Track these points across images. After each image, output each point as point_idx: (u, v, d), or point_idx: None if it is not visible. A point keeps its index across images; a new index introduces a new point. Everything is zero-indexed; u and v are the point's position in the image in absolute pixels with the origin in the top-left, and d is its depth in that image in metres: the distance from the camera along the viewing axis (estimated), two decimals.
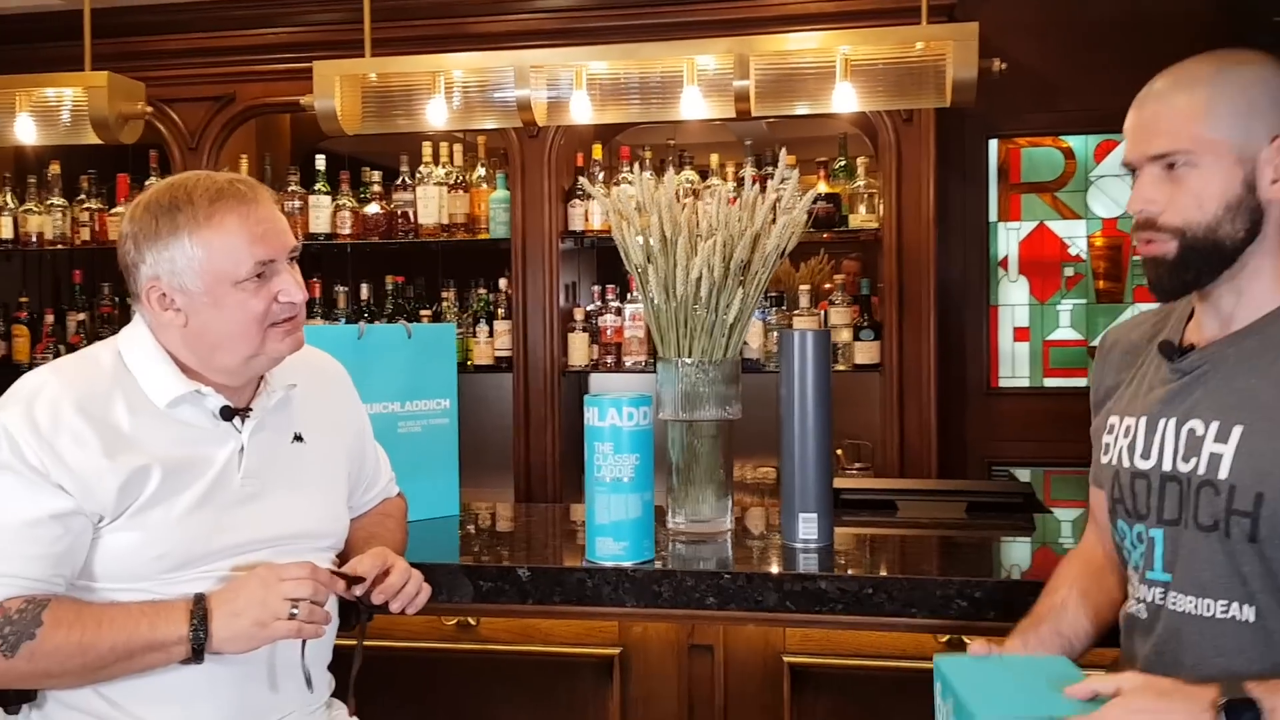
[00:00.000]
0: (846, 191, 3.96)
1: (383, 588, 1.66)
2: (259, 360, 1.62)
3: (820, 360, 2.09)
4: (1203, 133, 1.39)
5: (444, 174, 4.15)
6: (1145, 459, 1.48)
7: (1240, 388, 1.40)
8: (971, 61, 2.73)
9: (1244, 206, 1.39)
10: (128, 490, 1.52)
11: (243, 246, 1.56)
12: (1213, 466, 1.39)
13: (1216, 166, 1.39)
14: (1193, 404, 1.44)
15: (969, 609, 1.85)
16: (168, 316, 1.58)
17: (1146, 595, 1.47)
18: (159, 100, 3.94)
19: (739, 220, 2.15)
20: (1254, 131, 1.39)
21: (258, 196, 1.60)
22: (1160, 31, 4.03)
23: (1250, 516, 1.35)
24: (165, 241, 1.55)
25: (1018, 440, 4.20)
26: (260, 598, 1.50)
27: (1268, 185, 1.39)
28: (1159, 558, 1.45)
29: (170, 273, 1.56)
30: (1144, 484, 1.48)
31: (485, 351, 4.14)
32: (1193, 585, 1.40)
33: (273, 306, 1.59)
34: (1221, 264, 1.42)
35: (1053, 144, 4.29)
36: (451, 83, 3.09)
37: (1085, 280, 4.29)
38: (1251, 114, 1.39)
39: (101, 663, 1.48)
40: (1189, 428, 1.43)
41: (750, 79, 2.89)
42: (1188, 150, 1.40)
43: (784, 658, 1.97)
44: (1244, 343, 1.42)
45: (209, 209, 1.55)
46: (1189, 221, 1.41)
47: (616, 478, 1.97)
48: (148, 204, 1.59)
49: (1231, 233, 1.40)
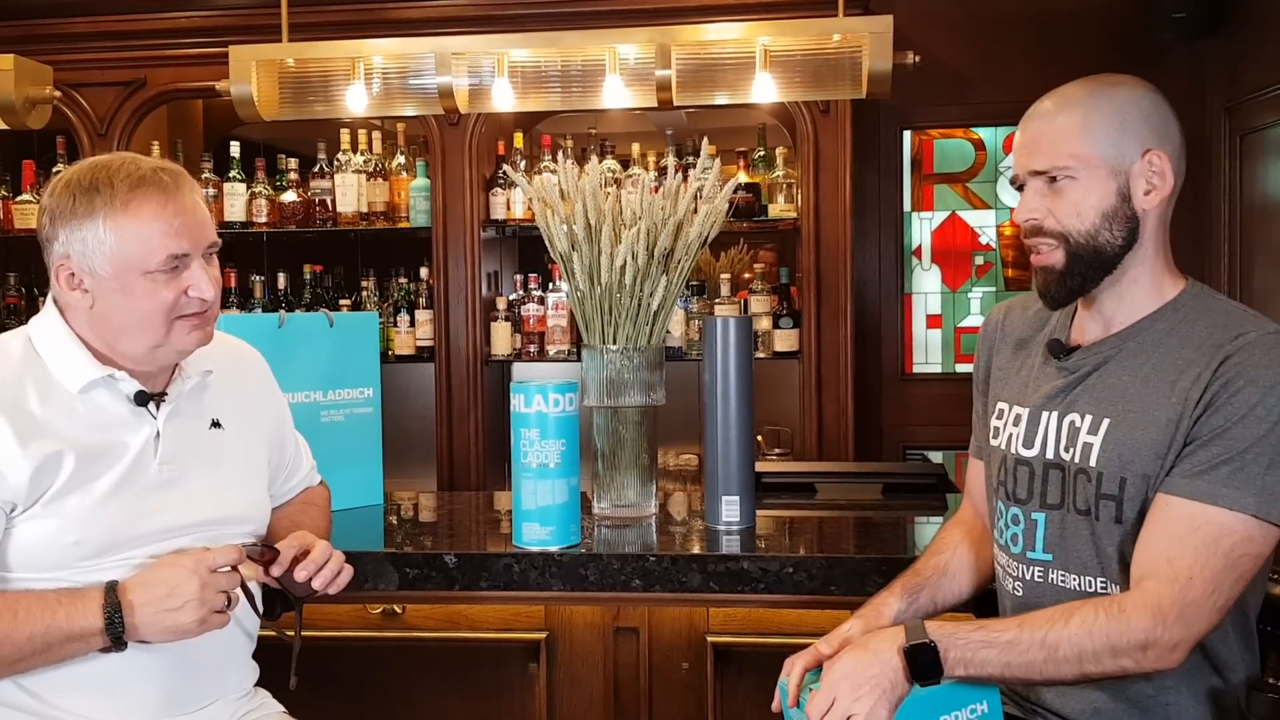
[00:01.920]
0: (766, 181, 4.01)
1: (304, 563, 1.64)
2: (164, 350, 1.60)
3: (742, 347, 2.14)
4: (1079, 149, 1.51)
5: (363, 162, 4.11)
6: (1028, 448, 1.59)
7: (1113, 384, 1.53)
8: (886, 54, 2.79)
9: (1120, 215, 1.51)
10: (40, 477, 1.50)
11: (156, 237, 1.54)
12: (1085, 455, 1.52)
13: (1093, 179, 1.51)
14: (1074, 399, 1.56)
15: (884, 585, 1.91)
16: (74, 296, 1.57)
17: (1025, 574, 1.58)
18: (67, 85, 3.82)
19: (662, 209, 2.17)
20: (1126, 147, 1.50)
21: (180, 187, 1.58)
22: (1069, 26, 4.16)
23: (1115, 500, 1.48)
24: (79, 222, 1.54)
25: (930, 424, 4.30)
26: (196, 593, 1.49)
27: (1141, 196, 1.52)
28: (1040, 539, 1.57)
29: (81, 254, 1.54)
30: (1026, 471, 1.59)
31: (407, 341, 4.11)
32: (1074, 564, 1.53)
33: (181, 299, 1.57)
34: (1103, 270, 1.53)
35: (964, 136, 4.40)
36: (371, 69, 3.07)
37: (995, 268, 4.41)
38: (1123, 131, 1.50)
39: (19, 655, 1.46)
40: (1069, 420, 1.55)
41: (671, 69, 2.92)
42: (1065, 166, 1.51)
43: (708, 638, 2.02)
44: (1125, 345, 1.54)
45: (127, 195, 1.53)
46: (1069, 229, 1.52)
47: (543, 463, 1.99)
48: (69, 181, 1.57)
49: (1110, 240, 1.51)
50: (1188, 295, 1.54)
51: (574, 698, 2.07)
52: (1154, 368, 1.50)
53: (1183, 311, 1.53)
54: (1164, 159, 1.51)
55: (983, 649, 1.42)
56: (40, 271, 1.64)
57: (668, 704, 2.04)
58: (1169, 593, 1.39)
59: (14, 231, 4.20)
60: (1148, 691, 1.47)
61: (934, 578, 1.71)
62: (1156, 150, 1.50)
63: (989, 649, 1.42)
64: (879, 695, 1.42)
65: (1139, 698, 1.48)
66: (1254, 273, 3.79)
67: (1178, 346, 1.49)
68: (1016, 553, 1.60)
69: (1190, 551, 1.40)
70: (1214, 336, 1.47)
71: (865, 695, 1.42)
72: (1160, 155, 1.50)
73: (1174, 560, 1.40)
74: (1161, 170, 1.51)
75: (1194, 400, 1.43)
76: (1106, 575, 1.50)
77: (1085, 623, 1.40)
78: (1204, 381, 1.43)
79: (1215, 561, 1.39)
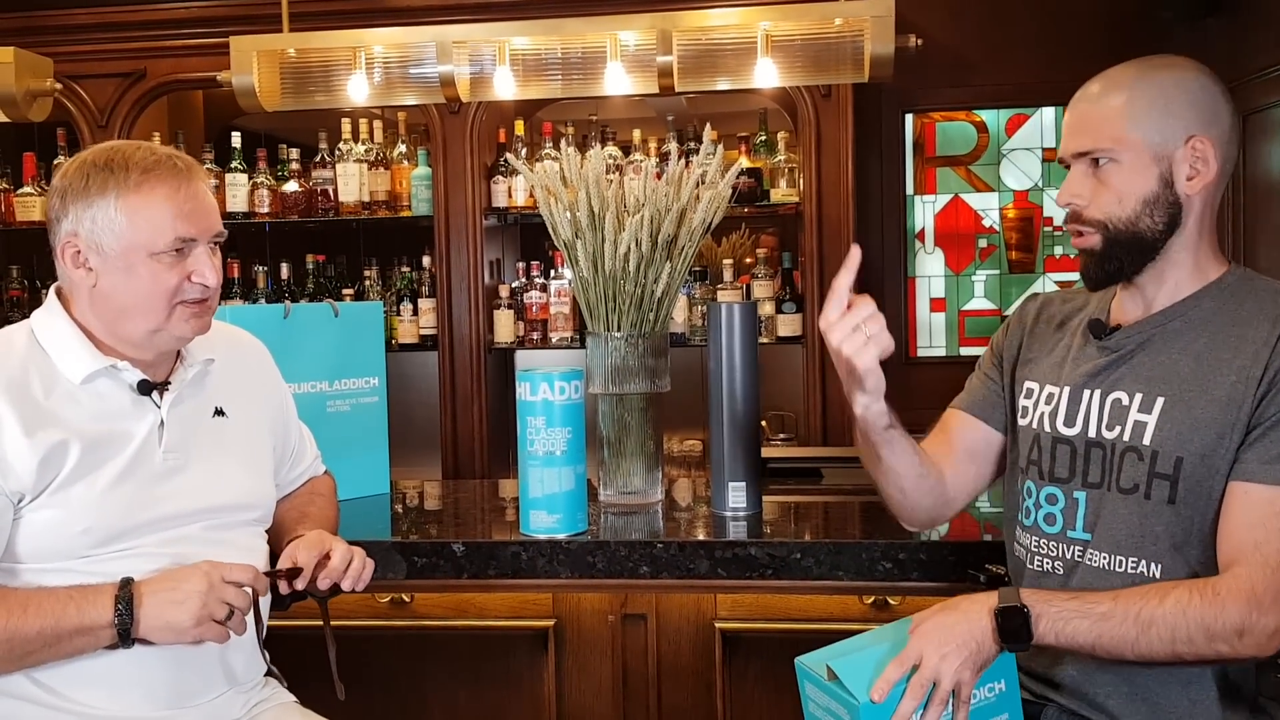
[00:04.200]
0: (767, 166, 4.01)
1: (326, 572, 1.65)
2: (163, 336, 1.61)
3: (747, 333, 2.13)
4: (1122, 133, 1.50)
5: (364, 151, 4.11)
6: (1069, 426, 1.58)
7: (1163, 362, 1.51)
8: (889, 38, 2.78)
9: (1162, 201, 1.51)
10: (47, 467, 1.51)
11: (166, 220, 1.56)
12: (1137, 434, 1.50)
13: (1135, 164, 1.50)
14: (1118, 377, 1.55)
15: (893, 570, 1.92)
16: (78, 275, 1.59)
17: (1066, 553, 1.57)
18: (67, 77, 3.82)
19: (665, 195, 2.17)
20: (1170, 132, 1.50)
21: (192, 174, 1.61)
22: (1070, 7, 4.15)
23: (1170, 480, 1.47)
24: (91, 200, 1.56)
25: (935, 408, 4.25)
26: (202, 591, 1.50)
27: (1184, 181, 1.51)
28: (1080, 518, 1.55)
29: (90, 231, 1.56)
30: (1067, 450, 1.58)
31: (410, 330, 4.11)
32: (1109, 544, 1.52)
33: (185, 285, 1.59)
34: (1143, 256, 1.53)
35: (966, 118, 4.38)
36: (372, 58, 3.06)
37: (998, 251, 4.41)
38: (1167, 115, 1.50)
39: (28, 648, 1.47)
40: (1114, 398, 1.54)
41: (673, 54, 2.91)
42: (1109, 149, 1.51)
43: (715, 624, 2.02)
44: (1168, 324, 1.54)
45: (141, 177, 1.56)
46: (1110, 216, 1.52)
47: (549, 451, 2.00)
48: (83, 161, 1.59)
49: (1151, 226, 1.51)
50: (1231, 276, 1.55)
51: (583, 685, 2.07)
52: (1206, 345, 1.49)
53: (1229, 291, 1.53)
54: (1208, 144, 1.50)
55: (1075, 619, 1.41)
56: (43, 264, 1.65)
57: (676, 690, 2.05)
58: (1261, 578, 1.38)
59: (16, 224, 4.19)
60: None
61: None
62: (1201, 135, 1.49)
63: (1082, 619, 1.41)
64: (966, 656, 1.41)
65: (1154, 673, 1.48)
66: (1258, 253, 3.79)
67: (1228, 324, 1.49)
68: (1054, 532, 1.58)
69: (1276, 536, 1.39)
70: (1265, 312, 1.47)
71: (952, 654, 1.41)
72: (1205, 141, 1.50)
73: (1261, 546, 1.39)
74: (1205, 156, 1.50)
75: (1255, 379, 1.43)
76: (1144, 556, 1.49)
77: (1180, 603, 1.39)
78: (1263, 359, 1.43)
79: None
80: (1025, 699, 1.56)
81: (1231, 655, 1.40)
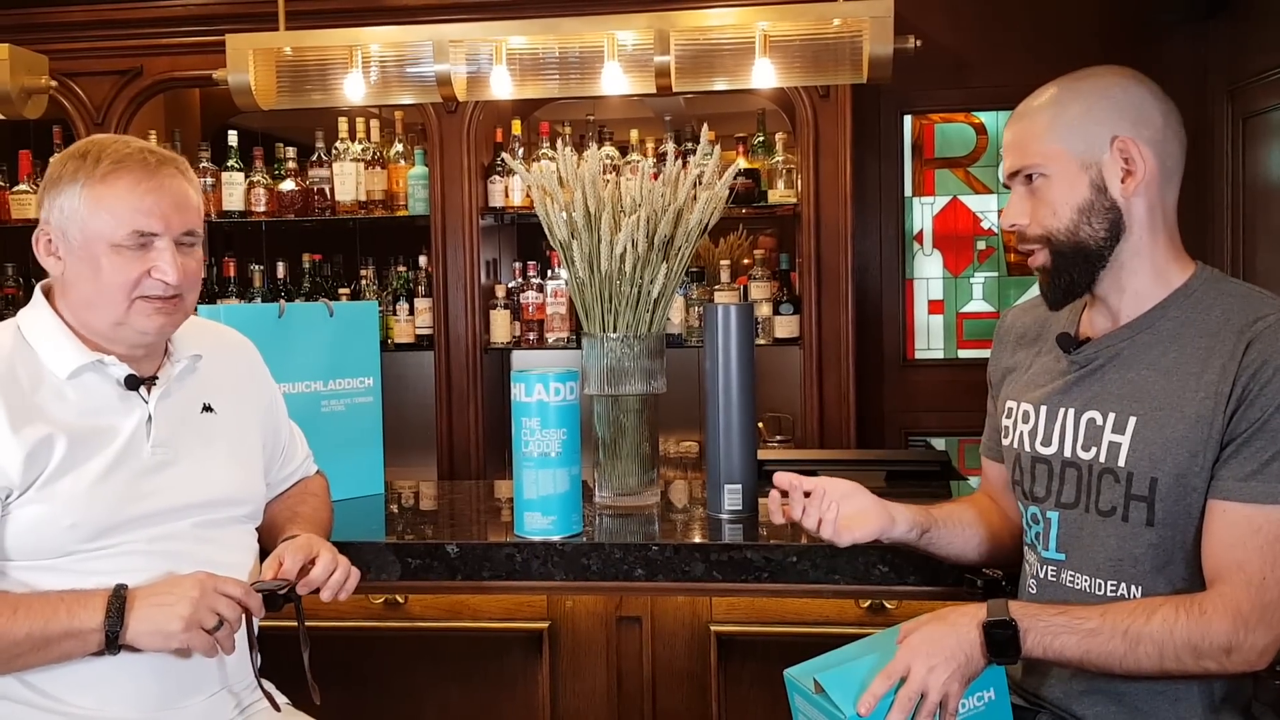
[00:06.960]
0: (765, 167, 3.99)
1: (305, 581, 1.64)
2: (125, 330, 1.60)
3: (744, 333, 2.13)
4: (1048, 146, 1.50)
5: (361, 150, 4.09)
6: (1046, 445, 1.57)
7: (1134, 379, 1.50)
8: (887, 38, 2.77)
9: (1098, 208, 1.49)
10: (33, 461, 1.51)
11: (125, 211, 1.56)
12: (1112, 455, 1.49)
13: (1064, 174, 1.50)
14: (1091, 395, 1.53)
15: (890, 574, 1.91)
16: (50, 264, 1.61)
17: (1040, 572, 1.57)
18: (63, 74, 3.81)
19: (662, 196, 2.16)
20: (1093, 137, 1.49)
21: (162, 168, 1.59)
22: (1070, 8, 4.14)
23: (1147, 501, 1.46)
24: (61, 188, 1.57)
25: (933, 410, 4.30)
26: (194, 597, 1.49)
27: (1118, 185, 1.49)
28: (1053, 538, 1.55)
29: (59, 220, 1.58)
30: (1045, 469, 1.57)
31: (406, 330, 4.10)
32: (1087, 565, 1.51)
33: (144, 280, 1.58)
34: (1091, 266, 1.51)
35: (965, 120, 4.38)
36: (369, 57, 3.05)
37: (997, 253, 4.40)
38: (1089, 122, 1.49)
39: (16, 651, 1.46)
40: (1088, 417, 1.52)
41: (670, 54, 2.90)
42: (1037, 164, 1.51)
43: (711, 627, 2.01)
44: (1135, 337, 1.52)
45: (110, 168, 1.56)
46: (1049, 229, 1.51)
47: (544, 453, 1.99)
48: (65, 152, 1.61)
49: (1092, 234, 1.50)
50: (1197, 281, 1.51)
51: (577, 688, 2.06)
52: (1175, 361, 1.47)
53: (1195, 298, 1.50)
54: (1135, 145, 1.48)
55: (1063, 634, 1.41)
56: (39, 262, 1.64)
57: (671, 694, 2.04)
58: (1245, 596, 1.37)
59: (11, 222, 4.18)
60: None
61: (944, 518, 1.74)
62: (1126, 136, 1.48)
63: (1070, 635, 1.41)
64: (954, 668, 1.40)
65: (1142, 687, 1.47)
66: (1257, 256, 3.78)
67: (1195, 336, 1.47)
68: (1038, 552, 1.59)
69: (1257, 554, 1.38)
70: (1232, 322, 1.45)
71: (940, 666, 1.40)
72: (1130, 141, 1.48)
73: (1243, 565, 1.38)
74: (1132, 155, 1.48)
75: (1224, 394, 1.41)
76: (1123, 579, 1.48)
77: (1166, 621, 1.38)
78: (1231, 374, 1.41)
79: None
80: (1018, 704, 1.55)
81: (1220, 672, 1.40)
